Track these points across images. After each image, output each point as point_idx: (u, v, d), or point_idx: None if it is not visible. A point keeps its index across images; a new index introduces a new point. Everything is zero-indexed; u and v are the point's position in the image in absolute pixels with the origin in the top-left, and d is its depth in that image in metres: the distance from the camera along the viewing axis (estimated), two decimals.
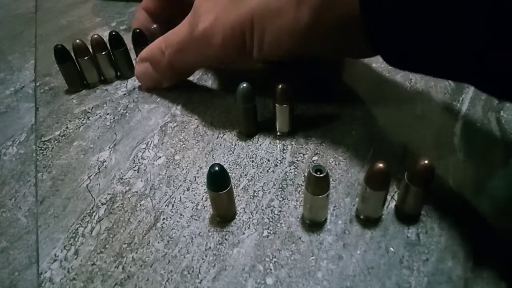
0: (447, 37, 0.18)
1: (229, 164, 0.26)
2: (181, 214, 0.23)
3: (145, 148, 0.28)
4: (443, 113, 0.30)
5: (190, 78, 0.35)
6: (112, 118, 0.31)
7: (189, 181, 0.25)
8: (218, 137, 0.28)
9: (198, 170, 0.26)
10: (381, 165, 0.19)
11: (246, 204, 0.23)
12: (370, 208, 0.22)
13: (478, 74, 0.19)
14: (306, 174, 0.23)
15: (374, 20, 0.21)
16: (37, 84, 0.36)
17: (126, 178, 0.26)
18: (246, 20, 0.25)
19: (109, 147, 0.28)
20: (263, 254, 0.21)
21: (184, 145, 0.28)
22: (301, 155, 0.26)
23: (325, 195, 0.20)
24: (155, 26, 0.34)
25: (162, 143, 0.28)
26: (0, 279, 0.21)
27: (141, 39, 0.34)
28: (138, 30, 0.34)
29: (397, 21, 0.20)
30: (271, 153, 0.27)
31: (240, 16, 0.25)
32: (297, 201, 0.23)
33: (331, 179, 0.22)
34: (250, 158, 0.26)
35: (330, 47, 0.27)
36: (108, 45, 0.34)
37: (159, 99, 0.33)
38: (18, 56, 0.42)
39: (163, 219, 0.23)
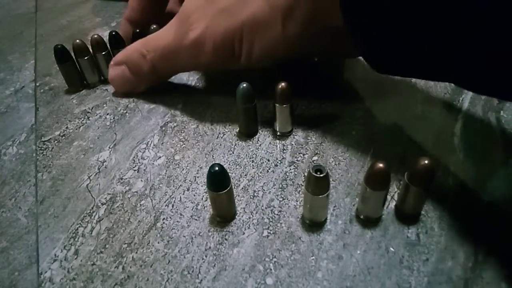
0: (444, 39, 0.18)
1: (229, 164, 0.26)
2: (181, 214, 0.23)
3: (145, 148, 0.28)
4: (443, 113, 0.30)
5: (190, 78, 0.35)
6: (112, 118, 0.31)
7: (189, 181, 0.25)
8: (218, 137, 0.28)
9: (198, 170, 0.26)
10: (381, 165, 0.19)
11: (246, 204, 0.23)
12: (370, 208, 0.22)
13: (478, 76, 0.19)
14: (306, 174, 0.23)
15: (362, 27, 0.21)
16: (37, 84, 0.36)
17: (126, 178, 0.26)
18: (236, 30, 0.26)
19: (109, 147, 0.28)
20: (263, 254, 0.21)
21: (184, 145, 0.28)
22: (301, 155, 0.26)
23: (325, 195, 0.20)
24: (155, 26, 0.34)
25: (162, 143, 0.28)
26: (0, 279, 0.21)
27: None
28: (138, 30, 0.34)
29: (389, 26, 0.20)
30: (271, 153, 0.27)
31: (230, 27, 0.26)
32: (297, 201, 0.23)
33: (331, 179, 0.22)
34: (250, 158, 0.26)
35: (320, 52, 0.28)
36: (108, 45, 0.34)
37: (159, 99, 0.33)
38: (18, 56, 0.41)
39: (163, 219, 0.23)
